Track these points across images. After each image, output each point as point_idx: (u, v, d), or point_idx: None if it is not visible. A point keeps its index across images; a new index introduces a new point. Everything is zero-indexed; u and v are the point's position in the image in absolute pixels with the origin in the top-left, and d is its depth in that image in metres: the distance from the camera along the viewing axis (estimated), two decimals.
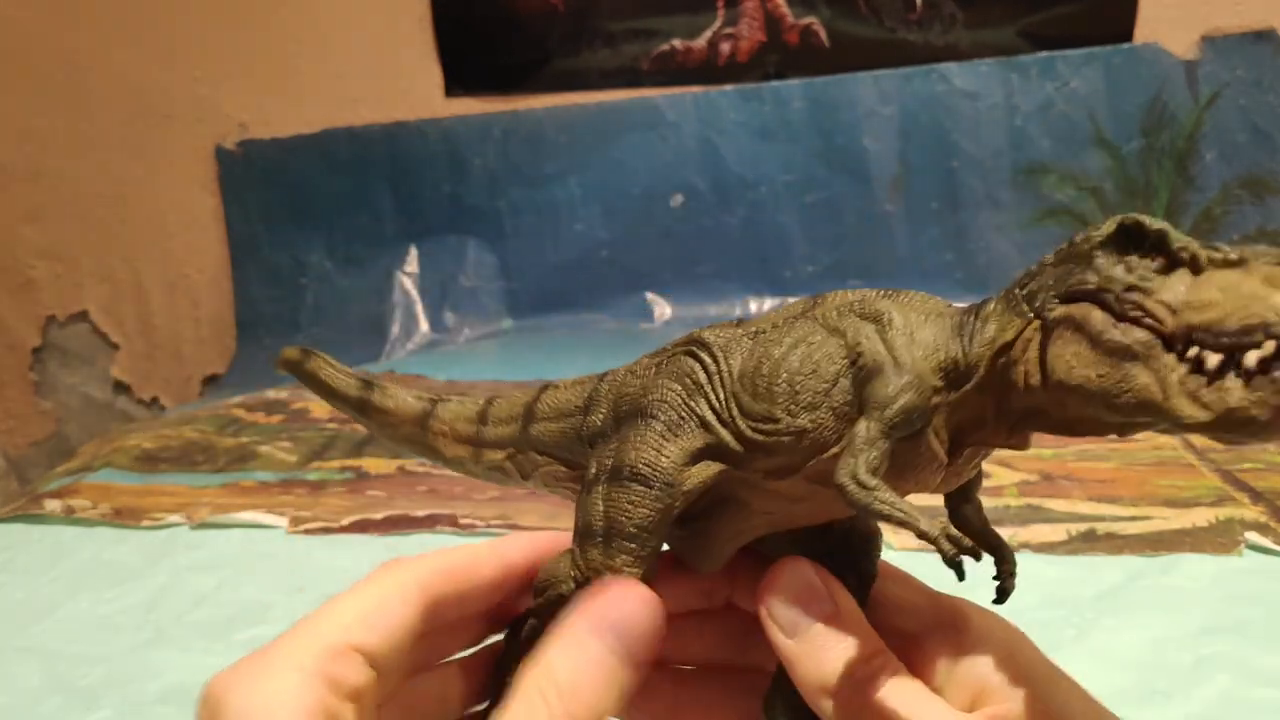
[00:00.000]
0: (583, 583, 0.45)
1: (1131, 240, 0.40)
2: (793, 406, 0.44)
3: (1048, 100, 2.02)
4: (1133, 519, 1.25)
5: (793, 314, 0.47)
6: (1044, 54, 2.01)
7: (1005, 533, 1.26)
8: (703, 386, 0.47)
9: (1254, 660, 0.97)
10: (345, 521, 1.37)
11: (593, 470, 0.48)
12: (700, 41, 2.09)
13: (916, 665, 0.46)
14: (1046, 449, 1.46)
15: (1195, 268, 0.38)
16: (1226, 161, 2.00)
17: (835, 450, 0.44)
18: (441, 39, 2.14)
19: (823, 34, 2.05)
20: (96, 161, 2.29)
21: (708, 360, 0.47)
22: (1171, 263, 0.39)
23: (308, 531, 1.36)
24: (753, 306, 2.15)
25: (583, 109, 2.15)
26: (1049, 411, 0.43)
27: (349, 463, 1.55)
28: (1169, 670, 0.97)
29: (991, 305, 0.44)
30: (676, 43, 2.10)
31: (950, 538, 0.41)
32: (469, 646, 0.49)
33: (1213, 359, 0.36)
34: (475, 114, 2.18)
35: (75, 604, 1.22)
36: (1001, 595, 0.50)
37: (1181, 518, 1.24)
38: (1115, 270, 0.40)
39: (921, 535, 0.41)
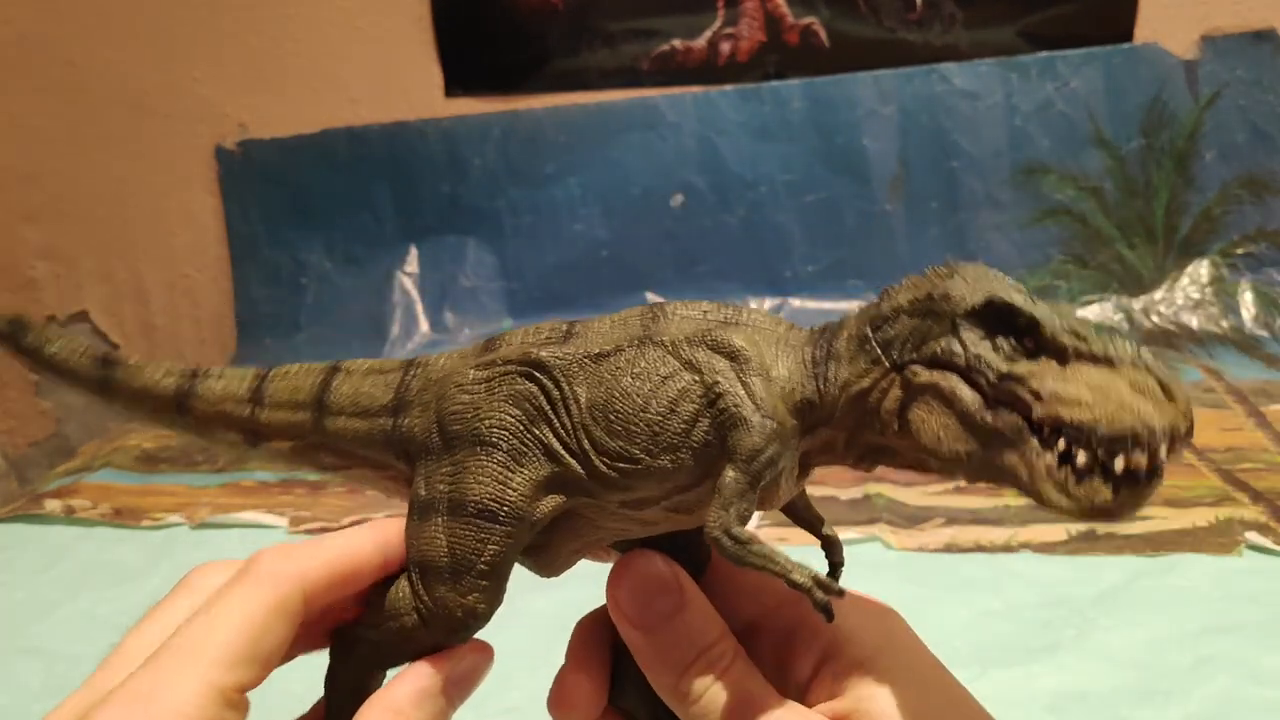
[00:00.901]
0: (429, 619, 0.44)
1: (1000, 319, 0.41)
2: (652, 448, 0.43)
3: (1047, 100, 2.02)
4: (1133, 519, 1.25)
5: (632, 333, 0.45)
6: (1044, 54, 2.01)
7: (1005, 533, 1.27)
8: (545, 412, 0.45)
9: (1254, 660, 0.97)
10: (345, 521, 1.37)
11: (423, 492, 0.46)
12: (700, 41, 2.09)
13: (783, 657, 0.47)
14: None
15: (1063, 358, 0.40)
16: (1226, 161, 2.00)
17: (696, 489, 0.44)
18: (441, 39, 2.14)
19: (823, 34, 2.05)
20: (96, 161, 2.28)
21: (548, 385, 0.45)
22: (1038, 348, 0.40)
23: (308, 531, 1.36)
24: (753, 306, 2.15)
25: (582, 109, 2.14)
26: (903, 454, 0.44)
27: None
28: (1169, 670, 0.97)
29: (843, 343, 0.44)
30: (676, 43, 2.10)
31: (821, 585, 0.42)
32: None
33: (1082, 457, 0.38)
34: (475, 114, 2.17)
35: (75, 604, 1.23)
36: (833, 575, 0.51)
37: (1181, 518, 1.24)
38: (984, 349, 0.41)
39: (794, 586, 0.42)
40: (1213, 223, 2.02)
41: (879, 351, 0.43)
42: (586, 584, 0.53)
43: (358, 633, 0.46)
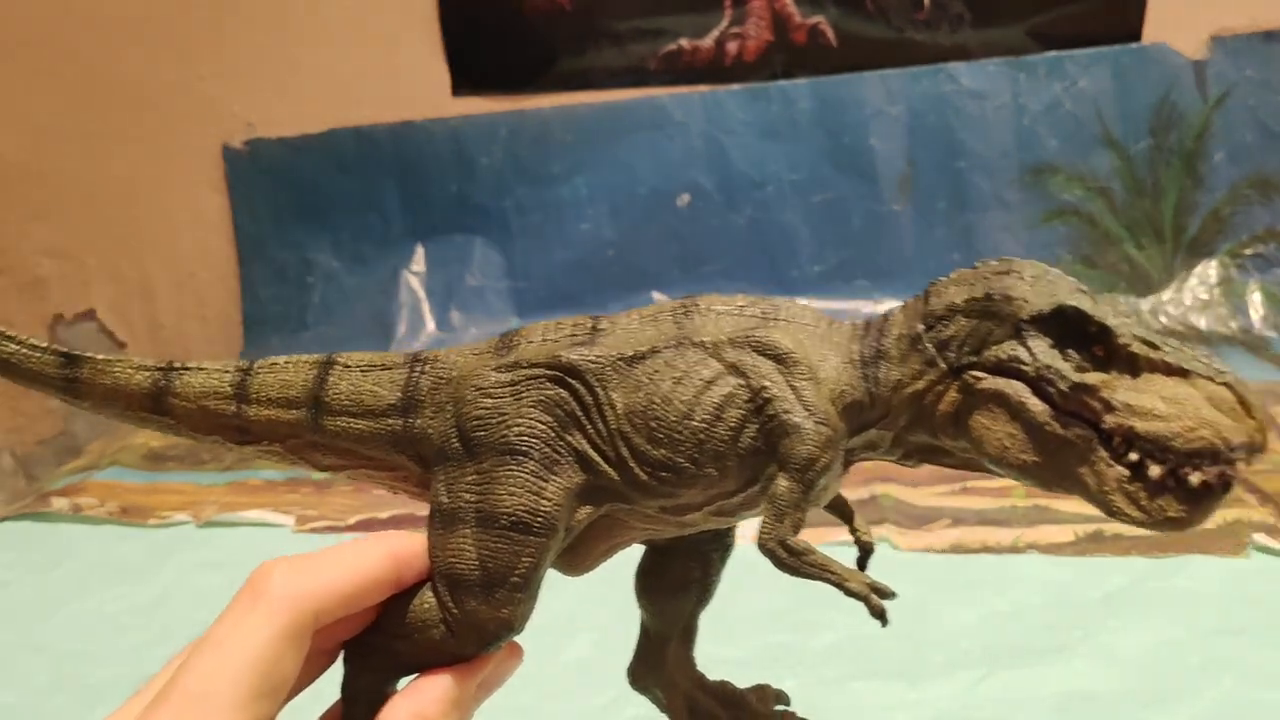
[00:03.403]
0: (459, 631, 0.43)
1: (1068, 326, 0.40)
2: (698, 456, 0.42)
3: (1055, 100, 2.02)
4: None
5: (667, 333, 0.44)
6: (1052, 54, 2.00)
7: (1012, 534, 1.26)
8: (578, 418, 0.43)
9: (1261, 662, 0.97)
10: (351, 520, 1.37)
11: (445, 500, 0.44)
12: (707, 41, 2.09)
13: None
14: None
15: (1134, 367, 0.39)
16: (1235, 162, 2.00)
17: (742, 494, 0.43)
18: (448, 38, 2.14)
19: (830, 33, 2.05)
20: (104, 160, 2.29)
21: (581, 390, 0.43)
22: (1109, 356, 0.39)
23: (314, 530, 1.36)
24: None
25: (589, 108, 2.14)
26: (953, 455, 0.43)
27: None
28: (1176, 672, 0.97)
29: (892, 341, 0.43)
30: (683, 42, 2.09)
31: (877, 591, 0.43)
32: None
33: (1155, 470, 0.38)
34: (482, 113, 2.17)
35: (82, 602, 1.23)
36: (864, 554, 0.51)
37: None
38: (1052, 358, 0.39)
39: (850, 594, 0.42)
40: (1221, 223, 2.01)
41: (934, 352, 0.42)
42: (598, 582, 0.53)
43: (374, 642, 0.44)
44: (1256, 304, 1.96)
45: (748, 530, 0.45)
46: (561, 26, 2.11)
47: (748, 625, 1.07)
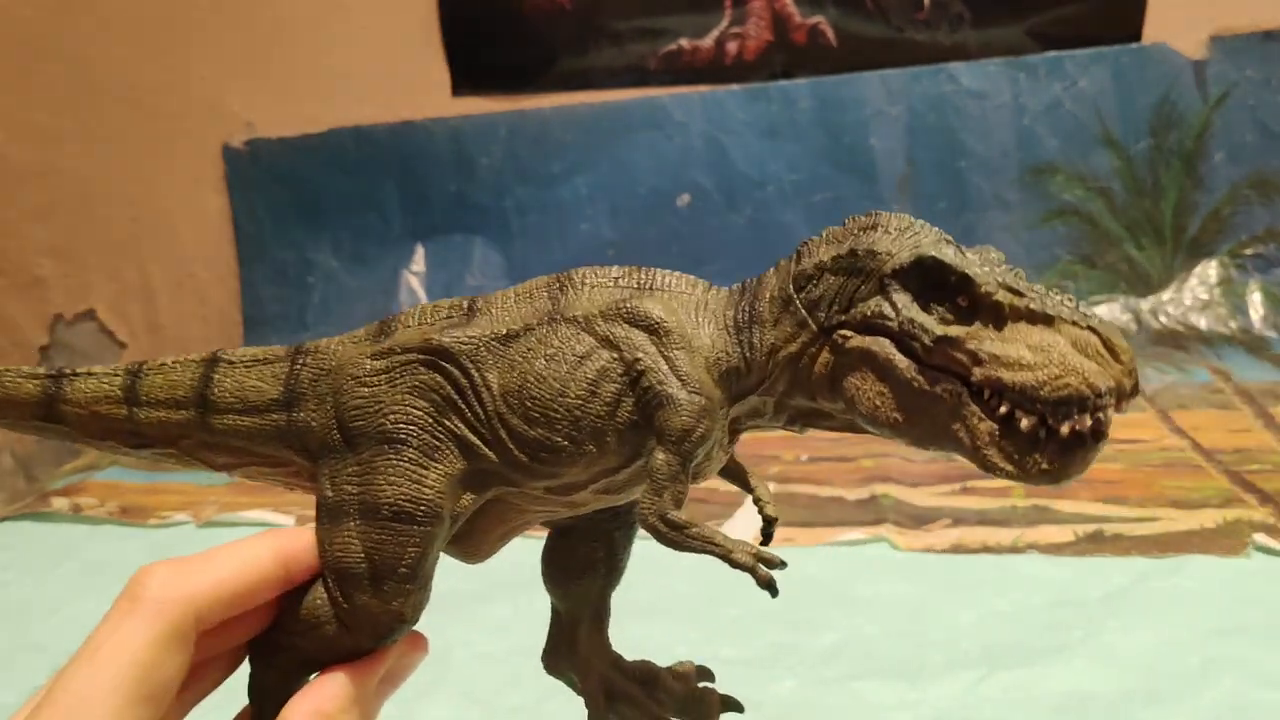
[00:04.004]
0: (352, 626, 0.42)
1: (931, 277, 0.39)
2: (575, 434, 0.41)
3: (1055, 100, 2.02)
4: (1140, 520, 1.25)
5: (541, 309, 0.43)
6: (1052, 54, 2.00)
7: (1012, 534, 1.26)
8: (455, 402, 0.42)
9: (1261, 662, 0.97)
10: None
11: (330, 494, 0.43)
12: (707, 41, 2.09)
13: None
14: None
15: (999, 317, 0.38)
16: (1235, 162, 2.00)
17: (626, 470, 0.42)
18: (448, 38, 2.14)
19: (830, 33, 2.05)
20: (104, 160, 2.29)
21: (455, 373, 0.42)
22: (973, 306, 0.39)
23: None
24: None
25: (589, 108, 2.14)
26: (834, 418, 0.43)
27: None
28: (1176, 672, 0.96)
29: (765, 304, 0.42)
30: (683, 42, 2.09)
31: (763, 560, 0.41)
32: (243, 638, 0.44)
33: (1025, 421, 0.37)
34: (482, 113, 2.17)
35: (82, 602, 1.23)
36: (767, 525, 0.49)
37: (1189, 519, 1.24)
38: (916, 311, 0.39)
39: (737, 566, 0.40)
40: (1221, 223, 2.01)
41: (804, 313, 0.41)
42: None
43: (276, 640, 0.43)
44: (1256, 304, 1.96)
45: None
46: (562, 26, 2.11)
47: (748, 625, 1.07)
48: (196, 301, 2.36)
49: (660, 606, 1.08)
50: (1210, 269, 2.01)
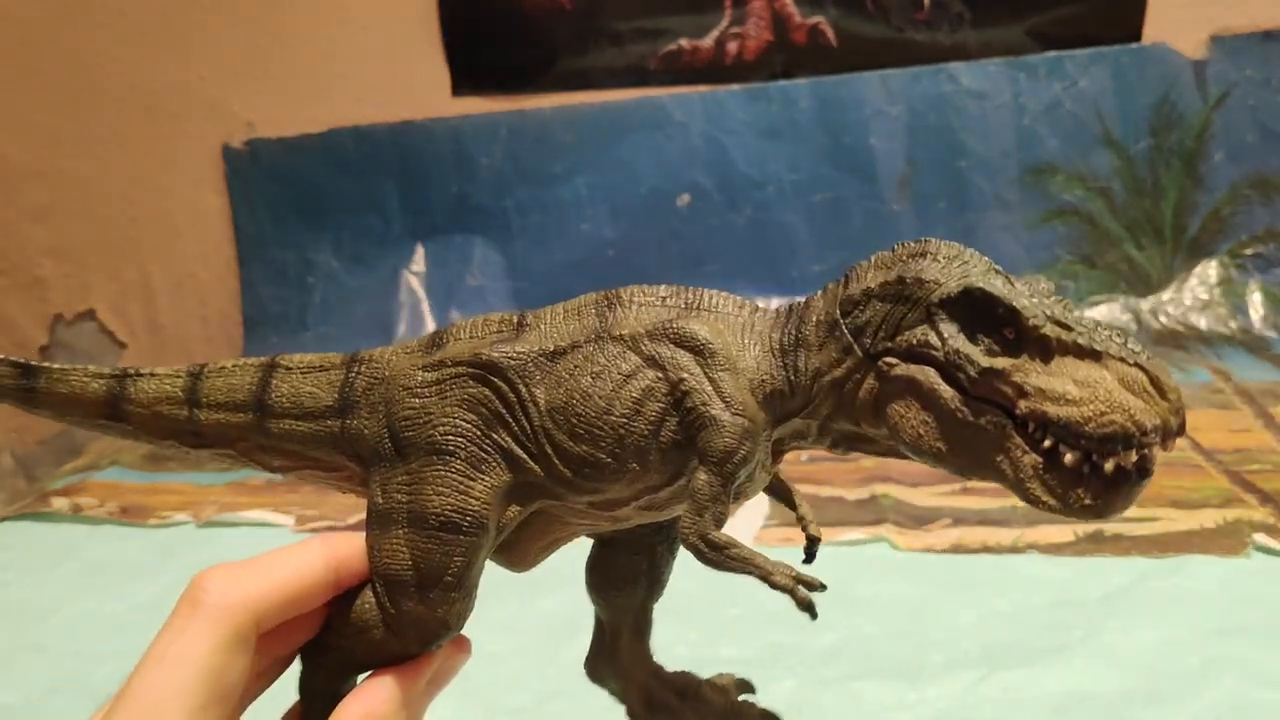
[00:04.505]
0: (399, 631, 0.43)
1: (978, 308, 0.39)
2: (619, 451, 0.42)
3: (1055, 100, 2.02)
4: (1140, 520, 1.25)
5: (589, 327, 0.43)
6: (1052, 54, 2.00)
7: (1012, 534, 1.26)
8: (502, 416, 0.43)
9: (1261, 661, 0.97)
10: (351, 520, 1.37)
11: (380, 501, 0.44)
12: (707, 41, 2.09)
13: None
14: None
15: (1046, 350, 0.38)
16: (1235, 162, 2.00)
17: (668, 487, 0.43)
18: (449, 38, 2.14)
19: (830, 33, 2.05)
20: (104, 161, 2.29)
21: (503, 388, 0.43)
22: (1020, 338, 0.39)
23: (314, 530, 1.36)
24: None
25: (590, 108, 2.14)
26: (877, 442, 0.43)
27: None
28: (1176, 671, 0.96)
29: (811, 328, 0.42)
30: (684, 42, 2.09)
31: (802, 582, 0.41)
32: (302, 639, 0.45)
33: (1070, 456, 0.37)
34: (482, 113, 2.17)
35: (82, 602, 1.23)
36: (811, 545, 0.50)
37: (1189, 519, 1.24)
38: (962, 342, 0.39)
39: (776, 588, 0.41)
40: (1221, 223, 2.01)
41: (850, 339, 0.41)
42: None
43: (326, 642, 0.44)
44: (1256, 304, 1.96)
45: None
46: (562, 26, 2.11)
47: (748, 625, 1.07)
48: (196, 301, 2.36)
49: (661, 606, 1.08)
50: (1210, 269, 2.01)
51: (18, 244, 2.34)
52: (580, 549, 0.52)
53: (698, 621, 1.07)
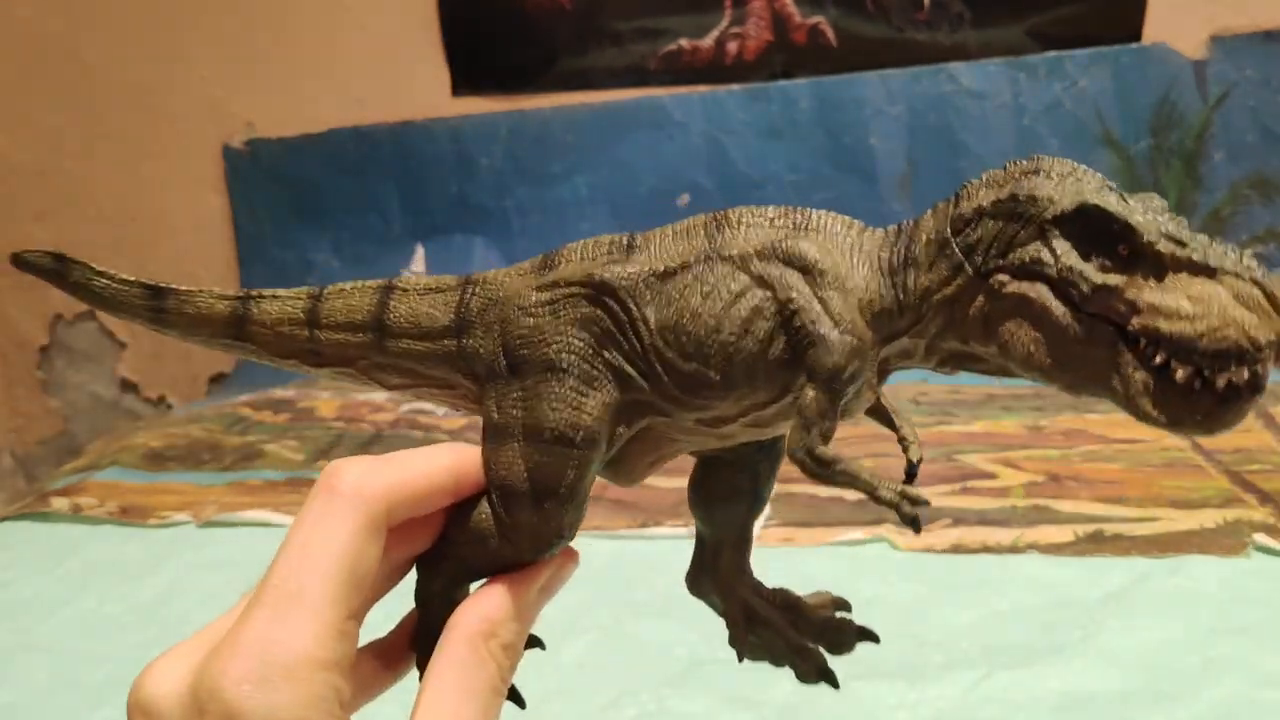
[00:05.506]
0: (515, 540, 0.44)
1: (1092, 225, 0.39)
2: (728, 369, 0.42)
3: (1055, 100, 2.02)
4: (1140, 520, 1.25)
5: (698, 247, 0.45)
6: (1052, 54, 2.01)
7: (1012, 534, 1.26)
8: (614, 335, 0.44)
9: (1261, 662, 0.97)
10: None
11: (495, 416, 0.45)
12: (707, 41, 2.09)
13: None
14: (1054, 449, 1.45)
15: (1160, 267, 0.38)
16: (1235, 162, 2.00)
17: (775, 405, 0.43)
18: (448, 38, 2.14)
19: (830, 33, 2.05)
20: (104, 161, 2.29)
21: (615, 308, 0.44)
22: (1134, 255, 0.39)
23: None
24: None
25: (590, 108, 2.15)
26: (986, 361, 0.43)
27: None
28: (1176, 672, 0.96)
29: (921, 247, 0.42)
30: (684, 42, 2.10)
31: (908, 498, 0.42)
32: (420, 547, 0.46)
33: (1181, 372, 0.37)
34: (482, 113, 2.18)
35: (82, 602, 1.23)
36: (911, 468, 0.49)
37: (1189, 519, 1.24)
38: (1075, 259, 0.39)
39: (881, 502, 0.42)
40: (1221, 223, 2.01)
41: (961, 257, 0.41)
42: (599, 583, 0.53)
43: (443, 551, 0.46)
44: None
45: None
46: (562, 26, 2.11)
47: None
48: None
49: (660, 606, 1.08)
50: None
51: (18, 243, 2.32)
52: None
53: (697, 621, 1.06)
